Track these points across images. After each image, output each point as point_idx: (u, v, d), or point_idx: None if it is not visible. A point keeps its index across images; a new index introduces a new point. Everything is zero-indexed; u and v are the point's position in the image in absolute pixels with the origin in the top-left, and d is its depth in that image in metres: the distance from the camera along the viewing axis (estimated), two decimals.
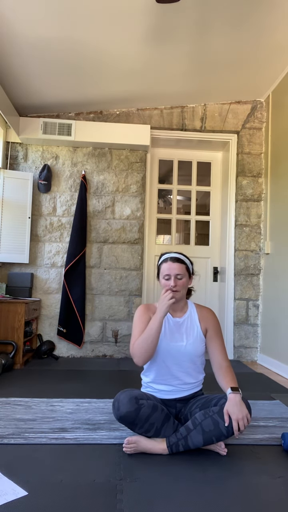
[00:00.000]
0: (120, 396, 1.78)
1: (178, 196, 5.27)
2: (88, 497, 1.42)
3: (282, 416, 2.36)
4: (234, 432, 1.70)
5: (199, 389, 1.99)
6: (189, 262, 1.96)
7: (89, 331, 4.15)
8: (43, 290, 4.15)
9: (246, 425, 1.70)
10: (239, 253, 4.27)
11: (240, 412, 1.69)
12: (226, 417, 1.70)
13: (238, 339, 4.20)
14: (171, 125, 4.35)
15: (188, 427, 1.75)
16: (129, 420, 1.75)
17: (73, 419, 2.20)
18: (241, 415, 1.69)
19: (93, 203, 4.25)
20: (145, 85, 3.87)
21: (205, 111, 4.38)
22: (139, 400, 1.76)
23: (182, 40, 3.19)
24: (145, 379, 2.00)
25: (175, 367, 1.90)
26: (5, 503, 1.35)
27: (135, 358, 1.82)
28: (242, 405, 1.71)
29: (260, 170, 4.33)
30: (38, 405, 2.42)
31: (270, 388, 3.06)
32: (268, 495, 1.46)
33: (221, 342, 1.95)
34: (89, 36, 3.09)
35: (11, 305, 3.51)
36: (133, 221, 4.27)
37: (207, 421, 1.72)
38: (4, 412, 2.28)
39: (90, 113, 4.33)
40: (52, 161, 4.24)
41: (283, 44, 3.34)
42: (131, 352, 1.84)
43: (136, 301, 4.21)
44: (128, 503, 1.38)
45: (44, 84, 3.73)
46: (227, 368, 1.88)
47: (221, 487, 1.51)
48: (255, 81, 3.96)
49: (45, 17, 2.84)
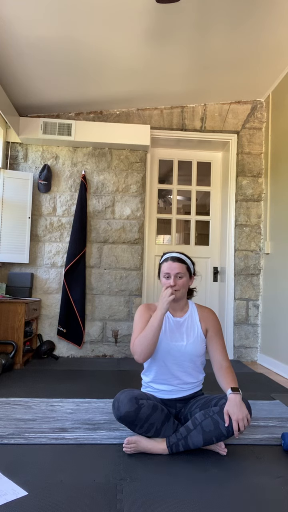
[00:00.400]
0: (120, 396, 1.78)
1: (178, 196, 5.27)
2: (88, 497, 1.42)
3: (282, 416, 2.36)
4: (234, 433, 1.70)
5: (199, 389, 1.99)
6: (190, 262, 1.96)
7: (89, 331, 4.15)
8: (43, 290, 4.15)
9: (246, 426, 1.70)
10: (239, 253, 4.27)
11: (240, 412, 1.69)
12: (226, 418, 1.70)
13: (238, 339, 4.20)
14: (171, 125, 4.35)
15: (188, 427, 1.75)
16: (129, 420, 1.75)
17: (73, 419, 2.20)
18: (241, 415, 1.69)
19: (93, 203, 4.25)
20: (145, 85, 3.87)
21: (205, 111, 4.38)
22: (139, 400, 1.76)
23: (182, 40, 3.19)
24: (145, 378, 2.00)
25: (175, 367, 1.90)
26: (5, 503, 1.35)
27: (136, 355, 1.82)
28: (242, 406, 1.72)
29: (260, 170, 4.33)
30: (38, 405, 2.42)
31: (270, 388, 3.06)
32: (268, 495, 1.46)
33: (221, 342, 1.95)
34: (89, 36, 3.09)
35: (11, 305, 3.51)
36: (133, 221, 4.27)
37: (207, 421, 1.72)
38: (4, 412, 2.28)
39: (90, 113, 4.33)
40: (52, 161, 4.24)
41: (283, 44, 3.34)
42: (132, 349, 1.84)
43: (136, 301, 4.21)
44: (128, 503, 1.38)
45: (44, 84, 3.73)
46: (228, 369, 1.88)
47: (221, 487, 1.51)
48: (255, 81, 3.96)
49: (45, 17, 2.84)
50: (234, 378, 1.85)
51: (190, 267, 1.96)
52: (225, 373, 1.87)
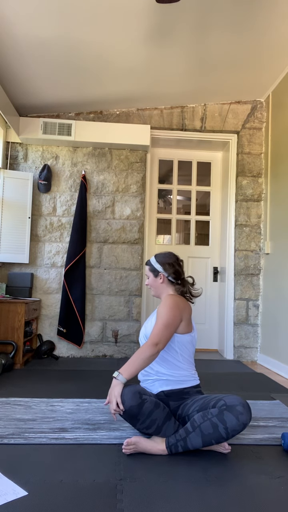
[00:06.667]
0: (123, 390, 1.79)
1: (178, 196, 5.27)
2: (88, 497, 1.42)
3: (282, 416, 2.36)
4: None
5: (181, 387, 1.95)
6: (154, 262, 2.10)
7: (89, 331, 4.15)
8: (43, 290, 4.15)
9: (116, 410, 1.73)
10: (239, 253, 4.27)
11: (109, 395, 1.78)
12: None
13: (238, 339, 4.20)
14: (171, 125, 4.35)
15: (187, 429, 1.75)
16: (131, 414, 1.76)
17: (73, 419, 2.20)
18: (109, 398, 1.77)
19: (93, 203, 4.25)
20: (145, 85, 3.87)
21: (205, 111, 4.38)
22: (143, 395, 1.78)
23: (182, 40, 3.19)
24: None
25: None
26: (5, 503, 1.35)
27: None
28: (112, 389, 1.77)
29: (260, 170, 4.33)
30: (38, 405, 2.42)
31: (270, 388, 3.06)
32: (268, 495, 1.46)
33: (158, 321, 1.89)
34: (89, 36, 3.09)
35: (11, 305, 3.51)
36: (133, 221, 4.27)
37: (206, 424, 1.71)
38: (4, 412, 2.28)
39: (90, 113, 4.33)
40: (52, 161, 4.24)
41: (283, 44, 3.34)
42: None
43: (136, 301, 4.21)
44: (128, 503, 1.38)
45: (44, 84, 3.73)
46: (139, 349, 1.83)
47: (221, 487, 1.51)
48: (255, 81, 3.96)
49: (45, 17, 2.84)
50: (132, 360, 1.80)
51: (155, 267, 2.10)
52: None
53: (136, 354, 1.81)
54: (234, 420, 1.69)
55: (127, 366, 1.79)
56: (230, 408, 1.71)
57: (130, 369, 1.78)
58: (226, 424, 1.69)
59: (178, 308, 1.94)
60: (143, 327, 2.10)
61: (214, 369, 3.65)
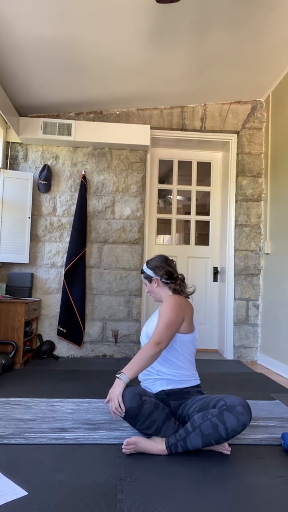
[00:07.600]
0: (124, 392, 1.79)
1: (178, 196, 5.27)
2: (88, 497, 1.42)
3: (282, 416, 2.36)
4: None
5: (182, 387, 1.95)
6: (146, 269, 2.15)
7: (89, 331, 4.15)
8: (43, 290, 4.15)
9: (117, 408, 1.73)
10: (239, 253, 4.27)
11: (109, 394, 1.78)
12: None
13: (238, 339, 4.20)
14: (171, 125, 4.35)
15: (187, 429, 1.75)
16: (131, 415, 1.76)
17: (73, 419, 2.20)
18: (109, 396, 1.77)
19: (93, 203, 4.25)
20: (145, 85, 3.87)
21: (205, 111, 4.38)
22: (142, 397, 1.79)
23: (182, 40, 3.19)
24: None
25: None
26: (5, 503, 1.35)
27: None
28: (114, 388, 1.78)
29: (260, 170, 4.33)
30: (38, 405, 2.42)
31: (270, 388, 3.06)
32: (268, 495, 1.46)
33: (160, 321, 1.90)
34: (89, 36, 3.09)
35: (11, 305, 3.51)
36: (133, 221, 4.27)
37: (206, 424, 1.71)
38: (4, 412, 2.28)
39: (90, 113, 4.33)
40: (52, 161, 4.24)
41: (283, 44, 3.34)
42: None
43: (136, 301, 4.21)
44: (128, 503, 1.38)
45: (44, 84, 3.73)
46: (141, 349, 1.84)
47: (221, 487, 1.51)
48: (255, 81, 3.96)
49: (45, 17, 2.84)
50: (135, 360, 1.80)
51: (148, 274, 2.14)
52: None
53: (138, 353, 1.82)
54: (234, 421, 1.69)
55: (130, 365, 1.80)
56: (230, 408, 1.71)
57: (133, 369, 1.79)
58: (226, 425, 1.69)
59: (180, 308, 1.95)
60: (144, 327, 2.11)
61: (214, 369, 3.65)
